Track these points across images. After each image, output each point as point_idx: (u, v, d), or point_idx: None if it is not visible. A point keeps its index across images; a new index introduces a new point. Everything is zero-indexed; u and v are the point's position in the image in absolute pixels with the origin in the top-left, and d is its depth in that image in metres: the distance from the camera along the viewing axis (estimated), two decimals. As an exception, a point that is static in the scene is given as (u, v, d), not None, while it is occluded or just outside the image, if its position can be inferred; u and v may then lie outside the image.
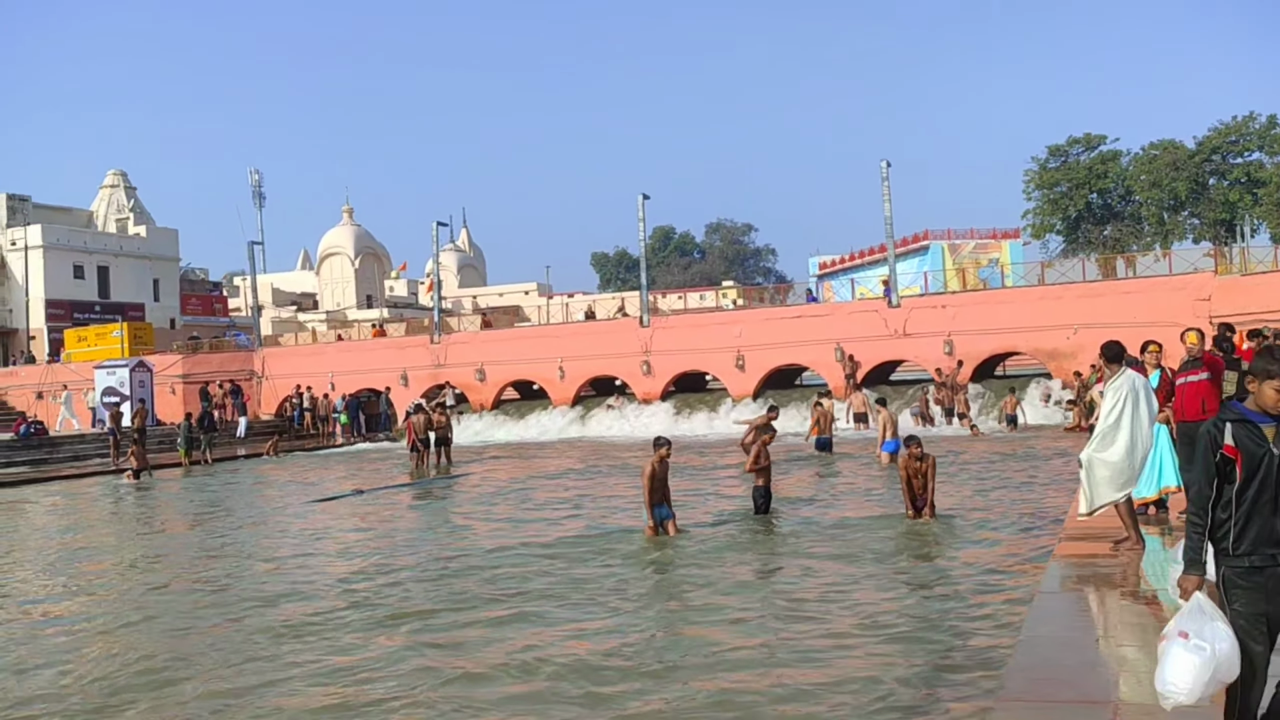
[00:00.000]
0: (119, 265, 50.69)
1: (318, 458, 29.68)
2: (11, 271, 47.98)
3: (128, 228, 53.49)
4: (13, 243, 47.77)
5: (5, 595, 11.18)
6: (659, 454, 11.75)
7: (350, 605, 9.57)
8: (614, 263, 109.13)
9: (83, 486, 23.90)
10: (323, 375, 37.31)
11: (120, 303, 49.88)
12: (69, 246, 48.79)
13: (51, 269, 47.73)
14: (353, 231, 70.43)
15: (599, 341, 34.53)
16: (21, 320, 47.34)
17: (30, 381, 39.65)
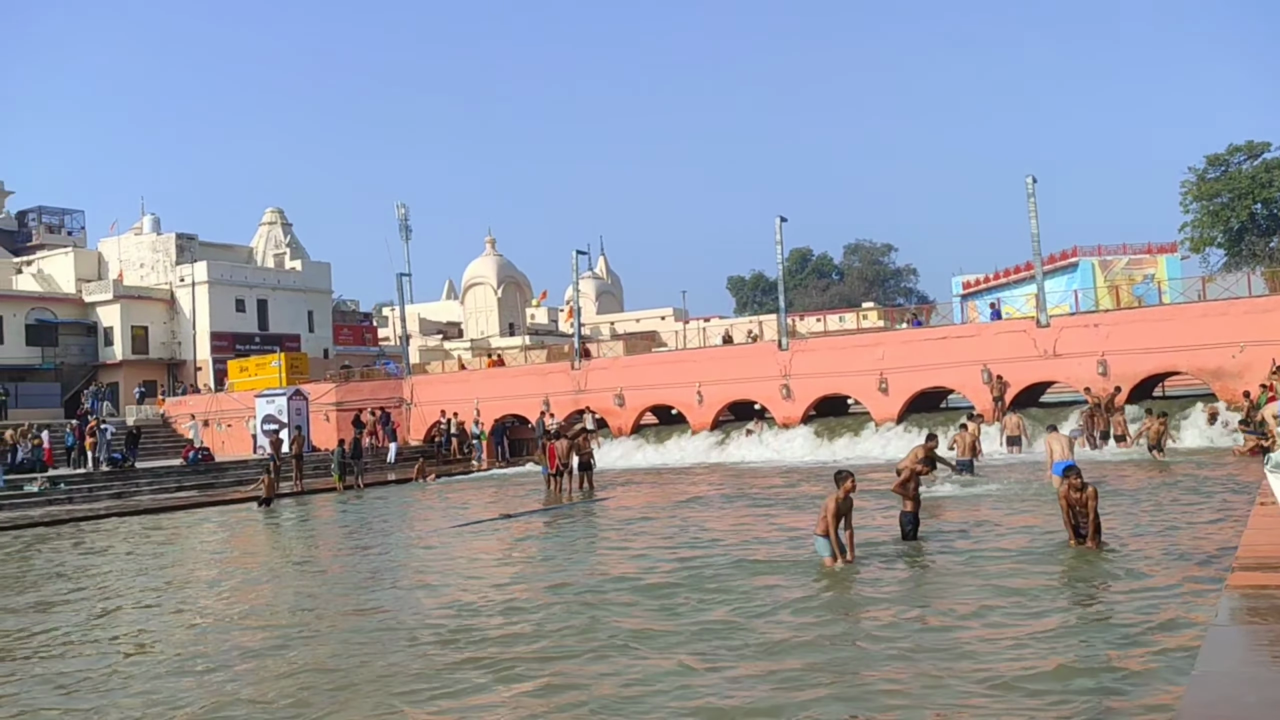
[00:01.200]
0: (277, 298, 53.17)
1: (464, 482, 30.43)
2: (180, 306, 50.84)
3: (284, 262, 56.08)
4: (181, 279, 50.69)
5: (164, 616, 11.76)
6: (844, 488, 11.57)
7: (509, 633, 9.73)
8: (750, 286, 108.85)
9: (244, 511, 25.07)
10: (468, 402, 38.29)
11: (278, 334, 52.30)
12: (231, 281, 51.45)
13: (216, 303, 50.38)
14: (495, 262, 72.26)
15: (737, 366, 34.44)
16: (189, 352, 50.08)
17: (197, 410, 41.82)
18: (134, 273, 52.83)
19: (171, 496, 28.47)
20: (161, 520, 23.56)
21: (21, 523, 23.28)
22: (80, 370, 48.70)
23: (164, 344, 50.59)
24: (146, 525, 22.60)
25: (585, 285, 73.38)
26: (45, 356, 47.44)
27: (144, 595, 13.08)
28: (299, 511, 24.51)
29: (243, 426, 39.32)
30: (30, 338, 47.40)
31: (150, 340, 50.08)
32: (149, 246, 53.31)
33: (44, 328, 47.86)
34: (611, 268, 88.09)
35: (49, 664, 9.47)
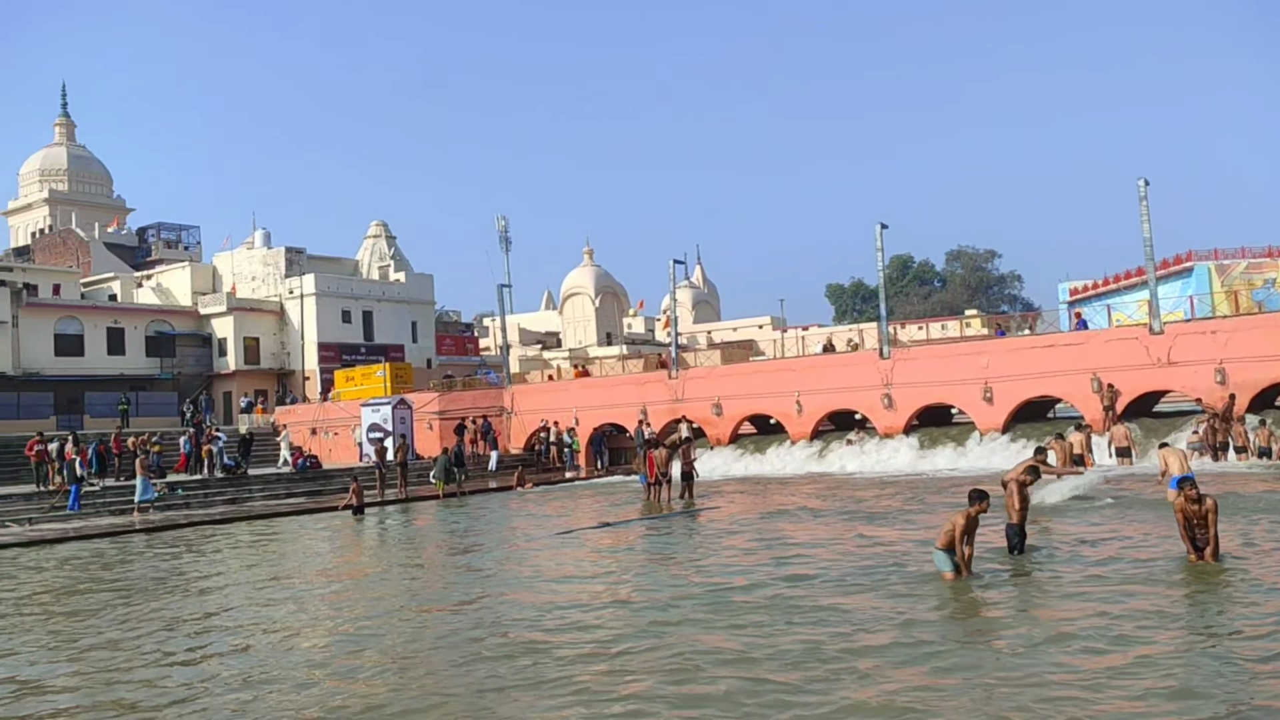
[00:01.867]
0: (381, 310, 54.42)
1: (563, 490, 30.66)
2: (289, 318, 52.38)
3: (389, 275, 57.42)
4: (290, 291, 52.26)
5: (274, 618, 12.07)
6: (978, 507, 11.31)
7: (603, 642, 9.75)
8: (849, 294, 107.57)
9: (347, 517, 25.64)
10: (567, 411, 38.60)
11: (383, 344, 53.53)
12: (338, 293, 52.84)
13: (323, 315, 51.79)
14: (593, 272, 72.77)
15: (837, 375, 34.03)
16: (298, 362, 51.56)
17: (306, 419, 43.01)
18: (246, 286, 54.64)
19: (281, 502, 29.30)
20: (272, 525, 24.26)
21: (140, 527, 24.19)
22: (196, 380, 50.50)
23: (274, 354, 52.18)
24: (257, 530, 23.31)
25: (682, 294, 73.46)
26: (164, 367, 49.33)
27: (254, 595, 13.45)
28: (403, 517, 24.99)
29: (349, 435, 40.28)
30: (150, 349, 49.36)
31: (261, 351, 51.72)
32: (260, 260, 55.09)
33: (162, 339, 49.78)
34: (708, 276, 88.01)
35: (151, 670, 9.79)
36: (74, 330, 47.04)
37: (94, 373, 46.56)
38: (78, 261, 60.06)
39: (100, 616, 12.55)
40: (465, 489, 30.24)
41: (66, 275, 53.13)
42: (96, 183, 74.74)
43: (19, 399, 43.00)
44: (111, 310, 49.66)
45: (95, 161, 75.66)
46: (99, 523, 25.28)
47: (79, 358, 46.75)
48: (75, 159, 73.88)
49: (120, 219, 72.16)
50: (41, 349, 45.55)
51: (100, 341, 47.69)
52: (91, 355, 47.19)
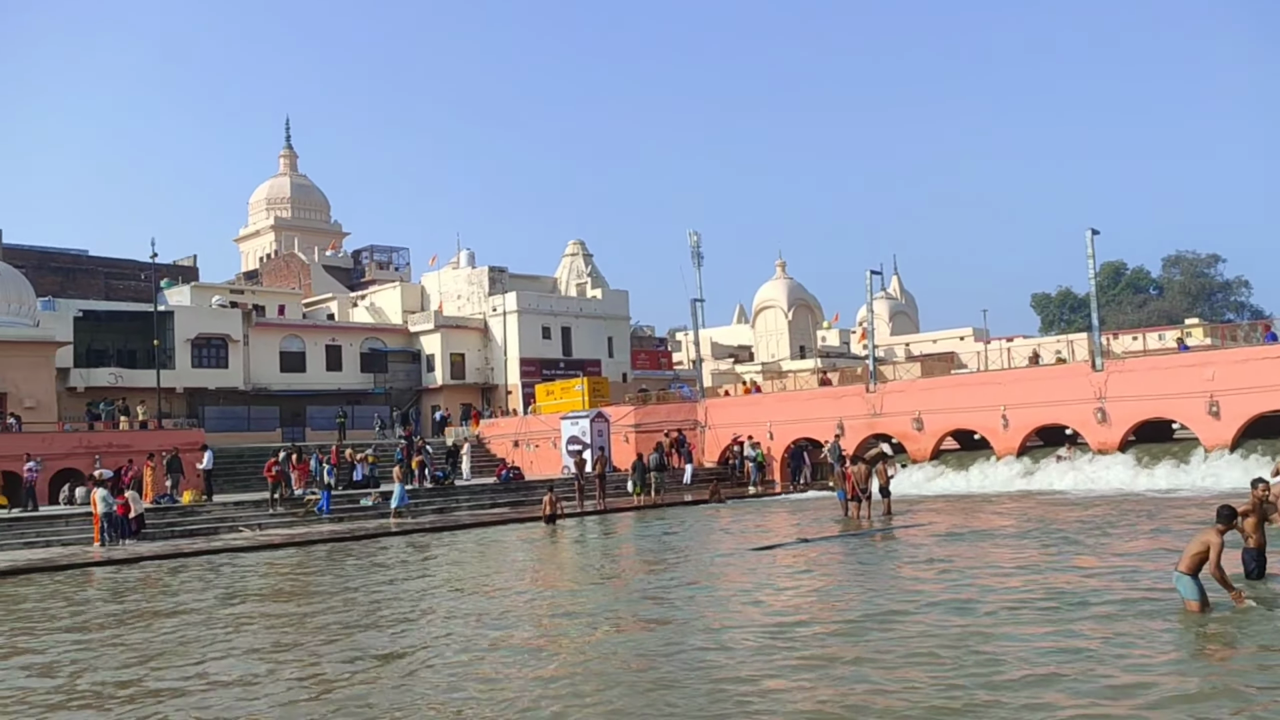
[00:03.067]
0: (579, 325, 55.75)
1: (758, 505, 30.53)
2: (492, 334, 54.36)
3: (586, 291, 58.77)
4: (494, 309, 54.24)
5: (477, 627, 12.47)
6: (1228, 526, 10.56)
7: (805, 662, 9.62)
8: (1056, 303, 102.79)
9: (551, 527, 26.30)
10: (761, 425, 38.43)
11: (580, 359, 54.78)
12: (538, 310, 54.47)
13: (524, 331, 53.49)
14: (785, 285, 72.31)
15: (1045, 388, 32.54)
16: (501, 377, 53.40)
17: (508, 431, 44.44)
18: (452, 304, 57.06)
19: (486, 512, 30.36)
20: (476, 534, 25.19)
21: (359, 534, 25.59)
22: (406, 394, 53.07)
23: (478, 369, 54.22)
24: (463, 538, 24.24)
25: (879, 306, 71.95)
26: (376, 382, 52.06)
27: (457, 604, 13.96)
28: (601, 528, 25.47)
29: (549, 447, 41.38)
30: (364, 365, 52.21)
31: (466, 366, 53.83)
32: (465, 279, 57.43)
33: (375, 356, 52.57)
34: (905, 287, 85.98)
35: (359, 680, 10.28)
36: (297, 348, 50.27)
37: (314, 388, 49.64)
38: (300, 283, 64.19)
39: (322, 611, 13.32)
40: (661, 501, 30.56)
41: (290, 296, 56.88)
42: (316, 209, 79.78)
43: (249, 413, 46.39)
44: (330, 329, 52.84)
45: (315, 190, 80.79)
46: (320, 529, 26.90)
47: (301, 374, 49.93)
48: (297, 188, 79.12)
49: (337, 243, 76.77)
50: (268, 365, 48.91)
51: (320, 358, 50.80)
52: (312, 371, 50.32)
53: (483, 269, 57.05)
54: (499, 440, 44.61)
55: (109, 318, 44.73)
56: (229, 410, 46.00)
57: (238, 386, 47.01)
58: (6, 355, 35.51)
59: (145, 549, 23.53)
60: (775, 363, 65.81)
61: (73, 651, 11.82)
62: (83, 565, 21.17)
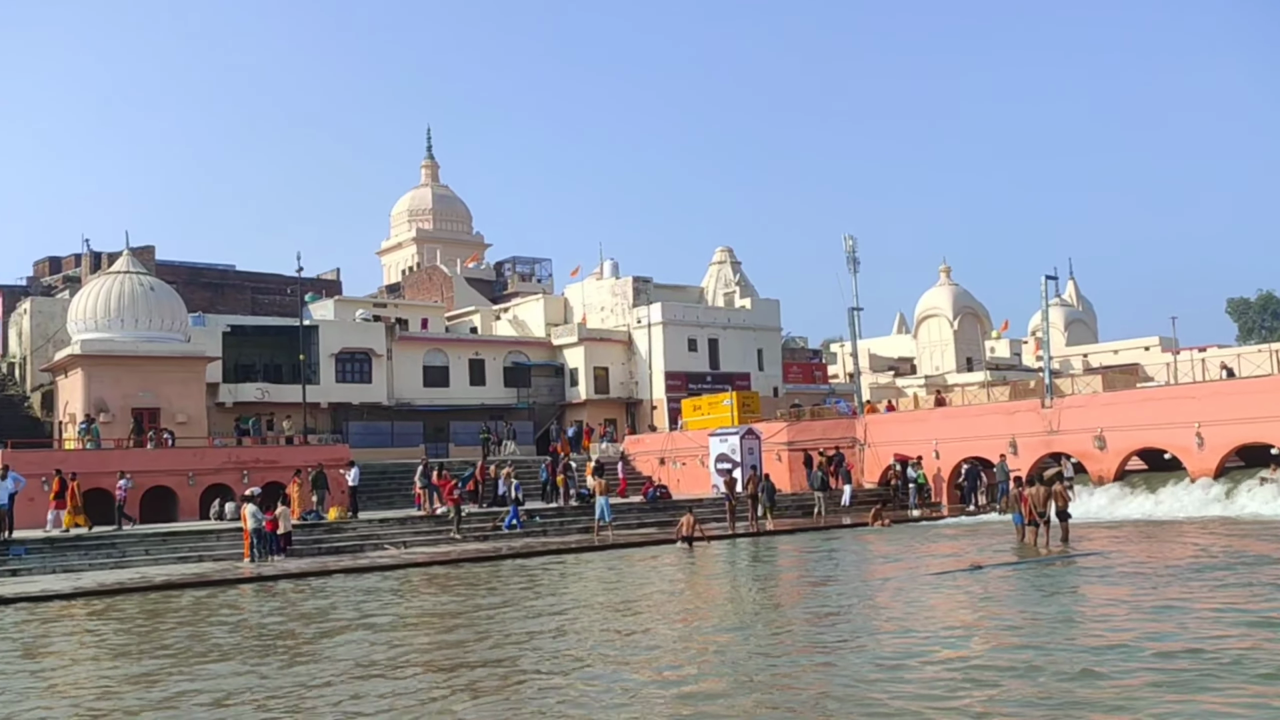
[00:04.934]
0: (727, 337, 55.72)
1: (923, 529, 29.90)
2: (637, 347, 54.83)
3: (734, 301, 58.69)
4: (638, 320, 54.68)
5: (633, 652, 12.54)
6: None
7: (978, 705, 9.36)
8: (1256, 309, 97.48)
9: (701, 548, 26.32)
10: (925, 443, 37.62)
11: (728, 373, 54.67)
12: (684, 322, 54.67)
13: (670, 343, 53.74)
14: (950, 291, 70.71)
15: (1248, 403, 30.82)
16: (646, 391, 53.79)
17: (654, 448, 44.72)
18: (595, 316, 57.83)
19: (632, 532, 30.60)
20: (622, 555, 25.41)
21: (505, 553, 26.14)
22: (549, 409, 54.00)
23: (622, 384, 54.75)
24: (607, 559, 24.52)
25: (1053, 314, 69.54)
26: (520, 396, 53.14)
27: (604, 634, 14.08)
28: (754, 550, 25.37)
29: (697, 465, 41.45)
30: (507, 379, 53.36)
31: (610, 380, 54.43)
32: (608, 290, 58.14)
33: (518, 369, 53.67)
34: (1082, 293, 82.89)
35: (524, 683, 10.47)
36: (440, 362, 51.77)
37: (458, 402, 50.97)
38: (442, 296, 66.12)
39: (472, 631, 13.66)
40: (821, 523, 30.31)
41: (433, 310, 58.60)
42: (458, 220, 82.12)
43: (393, 428, 47.96)
44: (473, 342, 54.25)
45: (457, 200, 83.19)
46: (466, 547, 27.60)
47: (444, 388, 51.36)
48: (439, 199, 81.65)
49: (479, 254, 78.91)
50: (411, 380, 50.50)
51: (463, 372, 52.18)
52: (455, 385, 51.71)
53: (627, 279, 57.65)
54: (644, 457, 44.91)
55: (255, 333, 46.95)
56: (372, 426, 47.66)
57: (381, 401, 48.68)
58: (160, 370, 37.72)
59: (293, 565, 24.58)
60: (940, 376, 64.37)
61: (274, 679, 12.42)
62: (234, 581, 22.26)
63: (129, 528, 28.76)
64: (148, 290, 38.64)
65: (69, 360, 37.86)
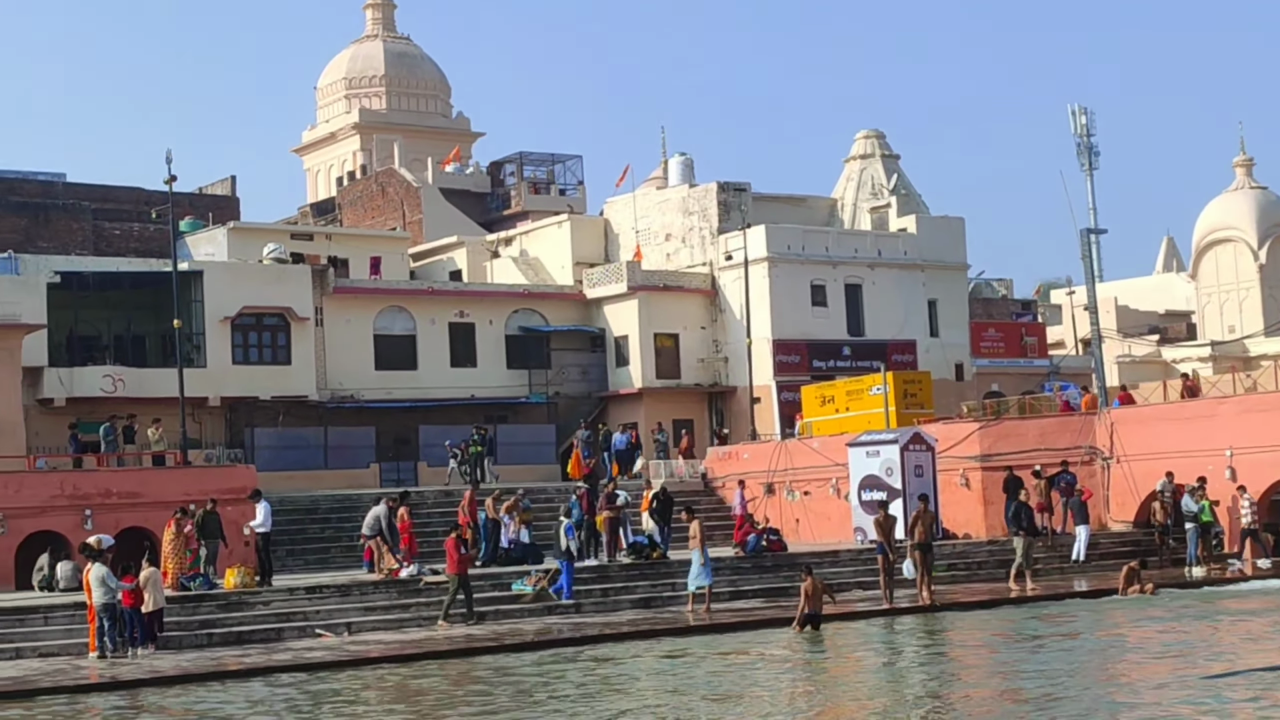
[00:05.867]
0: (877, 281, 55.31)
1: (1207, 596, 29.57)
2: (725, 299, 54.37)
3: (888, 222, 58.06)
4: (727, 256, 54.03)
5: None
6: None
7: None
8: None
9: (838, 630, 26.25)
10: (1213, 455, 37.09)
11: (879, 340, 54.13)
12: (804, 256, 54.24)
13: (780, 292, 53.32)
14: (1252, 200, 69.38)
15: None
16: (740, 373, 53.25)
17: (757, 468, 44.41)
18: (656, 249, 57.58)
19: (722, 607, 30.47)
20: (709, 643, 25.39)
21: (509, 642, 26.19)
22: (582, 404, 53.77)
23: (702, 361, 54.55)
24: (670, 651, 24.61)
25: None
26: (533, 385, 53.12)
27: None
28: (927, 638, 25.20)
29: (828, 495, 41.19)
30: (512, 356, 53.38)
31: (682, 355, 54.22)
32: (677, 206, 57.92)
33: (530, 340, 53.68)
34: None
35: None
36: (401, 328, 52.00)
37: (431, 395, 51.17)
38: (404, 220, 66.18)
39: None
40: (1033, 591, 30.06)
41: (389, 242, 58.67)
42: (427, 93, 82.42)
43: (326, 437, 48.06)
44: (455, 296, 54.35)
45: (424, 60, 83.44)
46: (451, 633, 27.67)
47: (409, 371, 51.67)
48: (396, 59, 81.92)
49: (462, 150, 78.74)
50: (355, 359, 50.77)
51: (440, 345, 52.42)
52: (427, 367, 51.97)
53: (708, 187, 57.28)
54: (736, 482, 44.70)
55: (101, 283, 47.04)
56: (293, 434, 47.97)
57: (307, 395, 49.03)
58: (-56, 348, 38.04)
59: (168, 663, 24.72)
60: (1235, 341, 63.33)
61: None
62: (73, 690, 22.37)
63: None
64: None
65: None
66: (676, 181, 59.47)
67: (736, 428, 52.57)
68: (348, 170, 78.73)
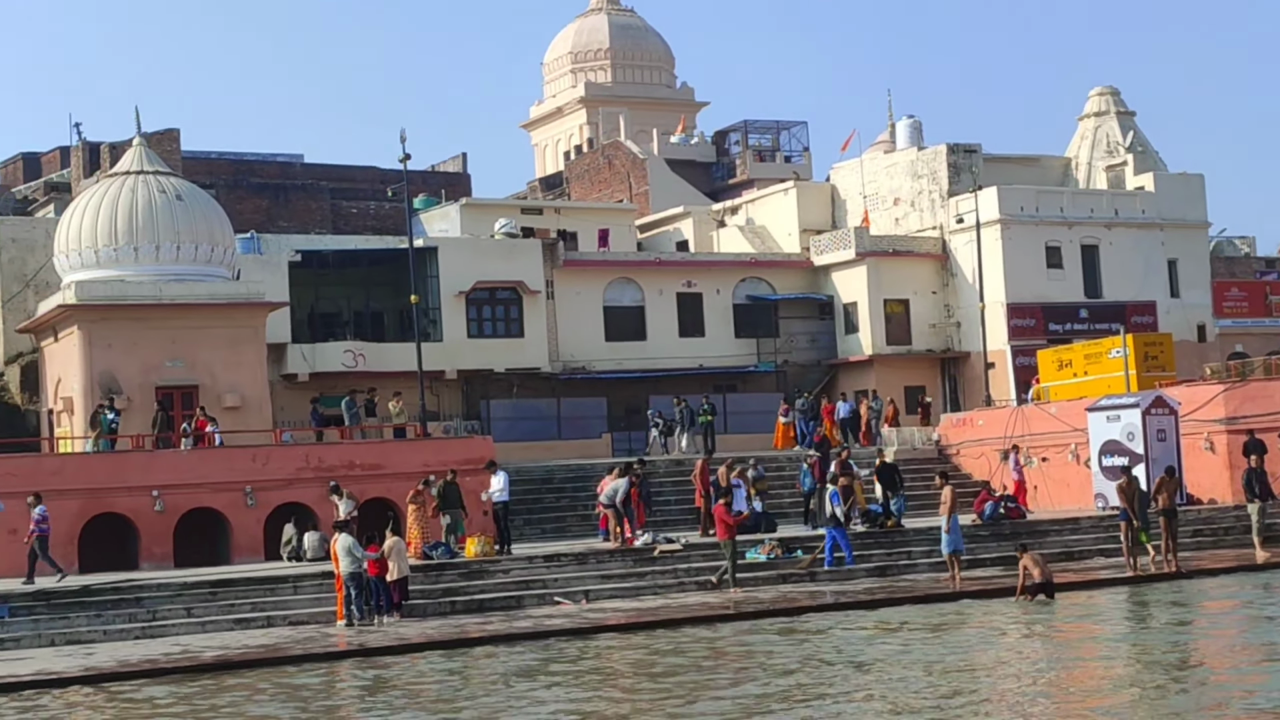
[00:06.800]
0: (1113, 241, 54.31)
1: None
2: (956, 263, 53.84)
3: (1125, 179, 56.92)
4: (958, 219, 53.48)
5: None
6: None
7: None
8: None
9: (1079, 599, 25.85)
10: None
11: (1117, 302, 53.24)
12: (1038, 218, 53.51)
13: (1013, 255, 52.70)
14: None
15: None
16: (974, 338, 52.72)
17: (992, 434, 43.90)
18: (884, 214, 57.27)
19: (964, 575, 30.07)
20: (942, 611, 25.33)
21: (747, 610, 26.32)
22: (811, 371, 53.82)
23: (933, 327, 54.13)
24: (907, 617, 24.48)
25: None
26: (761, 353, 53.18)
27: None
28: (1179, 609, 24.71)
29: (1067, 461, 40.55)
30: (740, 325, 53.50)
31: (913, 321, 53.90)
32: (905, 170, 57.52)
33: (758, 308, 53.80)
34: None
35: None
36: (630, 299, 52.40)
37: (659, 365, 51.55)
38: (630, 192, 66.56)
39: None
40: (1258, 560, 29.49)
41: (617, 214, 59.08)
42: (652, 66, 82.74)
43: (559, 408, 48.63)
44: (682, 266, 54.68)
45: (649, 34, 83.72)
46: (684, 600, 27.90)
47: (638, 341, 52.10)
48: (621, 33, 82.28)
49: (686, 120, 79.03)
50: (586, 331, 51.44)
51: (668, 316, 52.82)
52: (656, 338, 52.37)
53: (937, 149, 56.68)
54: (975, 450, 44.22)
55: (340, 261, 48.43)
56: (527, 406, 48.72)
57: (539, 367, 49.78)
58: (196, 326, 39.36)
59: (413, 630, 25.34)
60: None
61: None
62: (320, 658, 22.96)
63: (56, 579, 29.26)
64: (172, 200, 40.10)
65: (59, 314, 39.96)
66: (904, 145, 59.00)
67: (970, 393, 52.30)
68: (574, 144, 79.46)
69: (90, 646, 24.91)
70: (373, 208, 57.46)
